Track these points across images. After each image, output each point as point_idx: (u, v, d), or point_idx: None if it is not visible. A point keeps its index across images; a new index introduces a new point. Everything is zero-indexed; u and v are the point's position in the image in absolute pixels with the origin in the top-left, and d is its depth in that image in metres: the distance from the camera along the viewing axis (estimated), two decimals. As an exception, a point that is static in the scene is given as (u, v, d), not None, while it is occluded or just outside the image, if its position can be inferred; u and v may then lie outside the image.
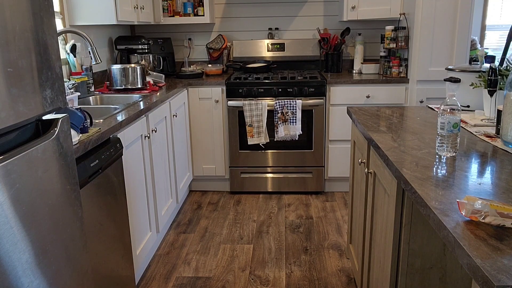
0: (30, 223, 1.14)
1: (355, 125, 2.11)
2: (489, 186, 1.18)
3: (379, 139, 1.65)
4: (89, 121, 1.81)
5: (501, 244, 0.87)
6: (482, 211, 0.95)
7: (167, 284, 2.37)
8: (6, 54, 1.07)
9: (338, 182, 3.62)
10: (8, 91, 1.07)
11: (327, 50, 3.80)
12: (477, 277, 0.80)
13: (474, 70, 2.06)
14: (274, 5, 3.92)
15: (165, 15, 3.66)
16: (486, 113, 1.92)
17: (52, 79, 1.27)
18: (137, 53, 3.43)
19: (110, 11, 2.76)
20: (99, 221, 1.77)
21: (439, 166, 1.34)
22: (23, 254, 1.11)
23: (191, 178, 3.59)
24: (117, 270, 1.96)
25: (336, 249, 2.71)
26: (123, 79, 2.95)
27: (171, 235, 2.92)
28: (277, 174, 3.54)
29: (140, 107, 2.38)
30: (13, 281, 1.08)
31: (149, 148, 2.49)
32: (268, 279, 2.40)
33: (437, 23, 3.11)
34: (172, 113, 2.97)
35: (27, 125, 1.22)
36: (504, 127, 1.49)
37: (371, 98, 3.36)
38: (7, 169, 1.05)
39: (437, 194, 1.12)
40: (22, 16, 1.14)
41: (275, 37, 3.96)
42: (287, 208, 3.32)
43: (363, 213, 1.95)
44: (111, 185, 1.91)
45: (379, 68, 3.64)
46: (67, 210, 1.32)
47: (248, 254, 2.67)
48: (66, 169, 1.32)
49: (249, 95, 3.38)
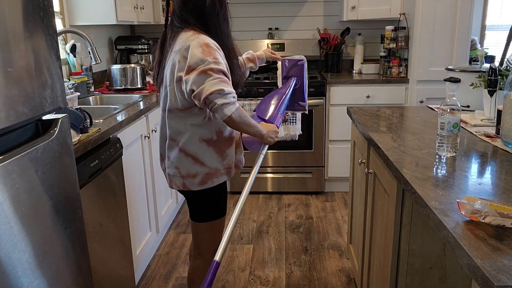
0: (30, 223, 1.14)
1: (355, 125, 2.11)
2: (489, 186, 1.18)
3: (379, 139, 1.65)
4: (89, 121, 1.81)
5: (501, 244, 0.87)
6: (482, 211, 0.95)
7: (167, 284, 2.37)
8: (6, 54, 1.07)
9: (338, 182, 3.62)
10: (8, 91, 1.07)
11: (327, 50, 3.80)
12: (477, 277, 0.80)
13: (474, 70, 2.06)
14: (274, 5, 3.92)
15: (165, 15, 3.65)
16: (486, 113, 1.92)
17: (52, 79, 1.27)
18: (137, 53, 3.43)
19: (110, 11, 2.76)
20: (99, 221, 1.77)
21: (439, 166, 1.34)
22: (23, 254, 1.11)
23: (191, 178, 3.59)
24: (117, 270, 1.96)
25: (336, 249, 2.71)
26: (123, 79, 2.95)
27: (171, 235, 2.92)
28: (277, 174, 3.54)
29: (140, 107, 2.38)
30: (13, 281, 1.08)
31: (149, 148, 2.49)
32: (268, 279, 2.40)
33: (437, 23, 3.11)
34: (172, 113, 2.97)
35: (27, 125, 1.22)
36: (504, 127, 1.49)
37: (371, 98, 3.36)
38: (7, 169, 1.05)
39: (437, 194, 1.12)
40: (22, 16, 1.14)
41: (275, 37, 3.96)
42: (287, 208, 3.32)
43: (363, 213, 1.95)
44: (111, 185, 1.91)
45: (379, 68, 3.64)
46: (67, 210, 1.32)
47: (248, 254, 2.67)
48: (66, 169, 1.32)
49: (249, 95, 3.38)
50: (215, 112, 1.49)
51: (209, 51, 1.49)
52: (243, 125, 1.58)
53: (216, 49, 1.53)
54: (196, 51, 1.48)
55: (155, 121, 2.59)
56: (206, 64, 1.46)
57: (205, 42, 1.51)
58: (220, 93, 1.45)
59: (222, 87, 1.45)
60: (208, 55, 1.47)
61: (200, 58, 1.47)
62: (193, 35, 1.55)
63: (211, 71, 1.46)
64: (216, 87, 1.45)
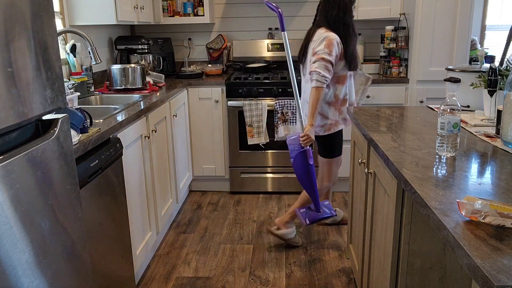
0: (30, 223, 1.14)
1: (355, 125, 2.11)
2: (489, 186, 1.18)
3: (379, 139, 1.65)
4: (89, 121, 1.81)
5: (501, 244, 0.87)
6: (482, 211, 0.95)
7: (167, 284, 2.37)
8: (6, 54, 1.07)
9: (338, 182, 3.61)
10: (8, 91, 1.07)
11: (327, 50, 3.80)
12: (477, 277, 0.80)
13: (474, 70, 2.06)
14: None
15: (165, 15, 3.66)
16: (486, 113, 1.92)
17: (52, 79, 1.27)
18: (137, 53, 3.43)
19: (110, 11, 2.76)
20: (99, 221, 1.77)
21: (439, 166, 1.34)
22: (23, 254, 1.11)
23: (191, 178, 3.59)
24: (117, 270, 1.96)
25: (336, 249, 2.71)
26: (123, 79, 2.95)
27: (171, 235, 2.92)
28: (277, 174, 3.54)
29: (140, 107, 2.38)
30: (13, 281, 1.08)
31: (149, 148, 2.49)
32: (268, 279, 2.40)
33: (437, 23, 3.11)
34: (172, 113, 2.97)
35: (27, 125, 1.22)
36: (504, 127, 1.49)
37: (371, 98, 3.36)
38: (7, 169, 1.05)
39: (437, 194, 1.12)
40: (22, 16, 1.14)
41: (275, 37, 3.96)
42: (287, 208, 3.32)
43: (363, 213, 1.95)
44: (111, 185, 1.91)
45: (379, 68, 3.64)
46: (67, 210, 1.32)
47: (248, 254, 2.67)
48: (66, 169, 1.32)
49: (249, 95, 3.38)
50: (311, 81, 2.36)
51: (328, 45, 2.36)
52: (313, 101, 2.36)
53: (335, 44, 2.36)
54: (322, 43, 2.37)
55: (155, 121, 2.59)
56: (323, 53, 2.35)
57: (329, 38, 2.37)
58: (318, 74, 2.33)
59: (321, 70, 2.33)
60: (327, 48, 2.35)
61: (322, 48, 2.36)
62: (325, 32, 2.42)
63: (322, 59, 2.34)
64: (319, 69, 2.33)
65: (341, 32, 2.42)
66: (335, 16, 2.43)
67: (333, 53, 2.34)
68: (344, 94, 2.52)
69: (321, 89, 2.34)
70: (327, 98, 2.49)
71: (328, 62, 2.33)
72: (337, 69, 2.44)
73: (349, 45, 2.45)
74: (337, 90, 2.49)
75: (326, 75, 2.33)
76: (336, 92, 2.50)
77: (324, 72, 2.32)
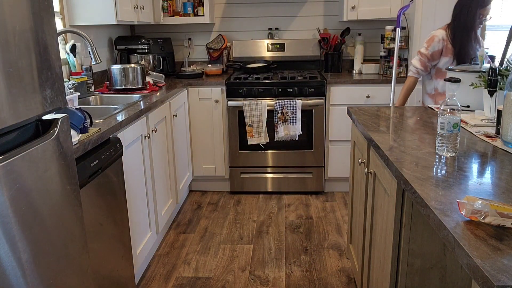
0: (30, 223, 1.14)
1: (355, 125, 2.11)
2: (489, 186, 1.18)
3: (379, 139, 1.65)
4: (89, 121, 1.81)
5: (501, 244, 0.87)
6: (482, 211, 0.95)
7: (167, 284, 2.37)
8: (6, 54, 1.07)
9: (338, 182, 3.62)
10: (8, 91, 1.07)
11: (327, 50, 3.80)
12: (477, 277, 0.80)
13: (474, 70, 2.06)
14: (274, 5, 3.92)
15: (165, 15, 3.66)
16: (486, 113, 1.92)
17: (52, 79, 1.27)
18: (137, 53, 3.43)
19: (110, 11, 2.76)
20: (99, 221, 1.77)
21: (439, 166, 1.34)
22: (23, 254, 1.11)
23: (191, 178, 3.59)
24: (117, 270, 1.96)
25: (336, 249, 2.71)
26: (123, 79, 2.95)
27: (171, 235, 2.92)
28: (277, 174, 3.54)
29: (140, 107, 2.38)
30: (13, 281, 1.08)
31: (149, 148, 2.49)
32: (268, 279, 2.40)
33: (437, 23, 3.11)
34: (172, 113, 2.97)
35: (27, 125, 1.22)
36: (504, 127, 1.49)
37: (371, 98, 3.36)
38: (7, 169, 1.05)
39: (437, 194, 1.12)
40: (22, 16, 1.14)
41: (275, 37, 3.96)
42: (287, 208, 3.32)
43: (363, 213, 1.95)
44: (111, 185, 1.91)
45: (379, 68, 3.64)
46: (67, 210, 1.32)
47: (248, 254, 2.67)
48: (66, 169, 1.32)
49: (249, 95, 3.38)
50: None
51: (429, 40, 2.65)
52: (402, 87, 2.80)
53: (437, 41, 2.62)
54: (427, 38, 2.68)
55: (155, 121, 2.59)
56: (422, 47, 2.68)
57: (433, 35, 2.65)
58: (411, 64, 2.73)
59: (414, 63, 2.70)
60: (426, 43, 2.65)
61: (424, 42, 2.67)
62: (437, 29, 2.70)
63: (419, 52, 2.68)
64: (413, 61, 2.71)
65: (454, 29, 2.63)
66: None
67: (429, 48, 2.62)
68: (442, 88, 2.69)
69: (410, 77, 2.73)
70: (428, 90, 2.77)
71: (422, 55, 2.64)
72: (440, 63, 2.65)
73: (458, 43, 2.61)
74: (438, 84, 2.70)
75: (416, 65, 2.67)
76: (436, 86, 2.71)
77: (416, 63, 2.68)
